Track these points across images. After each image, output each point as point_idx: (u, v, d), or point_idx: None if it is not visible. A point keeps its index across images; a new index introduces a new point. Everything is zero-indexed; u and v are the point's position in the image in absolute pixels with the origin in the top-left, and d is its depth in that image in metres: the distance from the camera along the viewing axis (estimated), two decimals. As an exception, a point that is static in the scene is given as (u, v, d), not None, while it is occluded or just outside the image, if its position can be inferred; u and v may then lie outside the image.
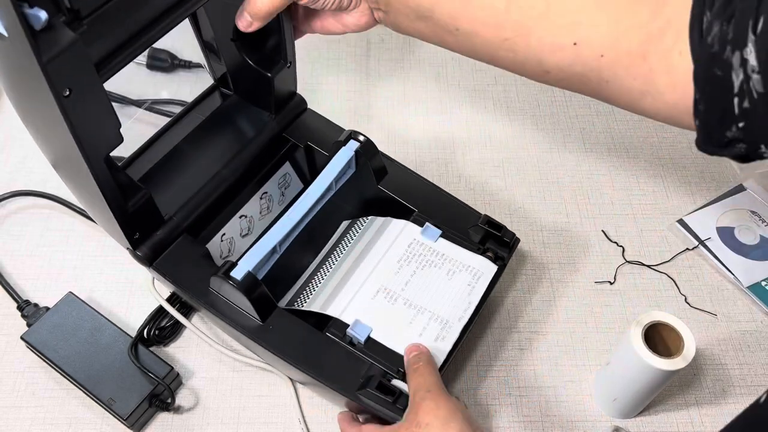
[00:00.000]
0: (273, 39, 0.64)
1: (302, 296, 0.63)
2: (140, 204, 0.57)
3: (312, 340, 0.58)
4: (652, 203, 0.78)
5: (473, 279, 0.62)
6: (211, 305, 0.59)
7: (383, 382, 0.55)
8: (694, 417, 0.65)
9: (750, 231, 0.75)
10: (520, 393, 0.66)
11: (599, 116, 0.86)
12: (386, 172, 0.68)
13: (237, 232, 0.67)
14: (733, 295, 0.72)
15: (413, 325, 0.59)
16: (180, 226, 0.62)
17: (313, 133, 0.70)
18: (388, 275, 0.62)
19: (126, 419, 0.61)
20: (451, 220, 0.66)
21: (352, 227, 0.67)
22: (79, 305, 0.67)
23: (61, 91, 0.44)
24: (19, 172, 0.80)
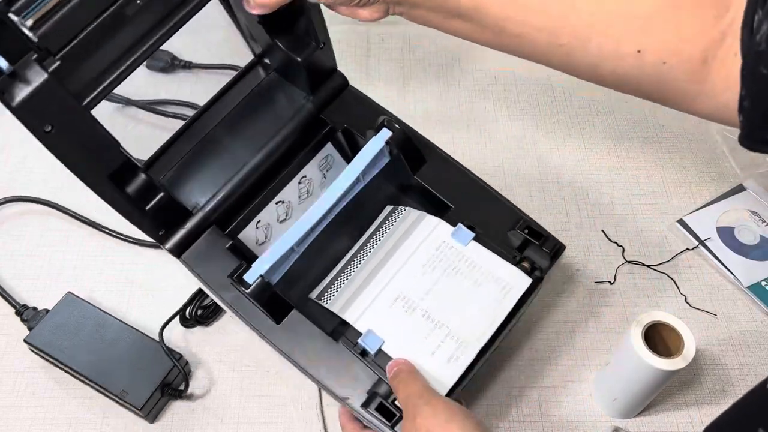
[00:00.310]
0: (301, 22, 0.61)
1: (330, 290, 0.61)
2: (159, 206, 0.56)
3: (324, 347, 0.56)
4: (652, 203, 0.78)
5: (502, 292, 0.57)
6: (230, 303, 0.58)
7: (384, 404, 0.53)
8: (694, 417, 0.65)
9: (750, 231, 0.75)
10: (520, 393, 0.66)
11: (599, 116, 0.86)
12: (424, 161, 0.63)
13: (274, 218, 0.65)
14: (733, 295, 0.72)
15: (428, 340, 0.56)
16: (208, 219, 0.60)
17: (351, 115, 0.65)
18: (410, 281, 0.58)
19: (141, 409, 0.62)
20: (489, 220, 0.60)
21: (391, 215, 0.63)
22: (79, 304, 0.67)
23: (41, 129, 0.44)
24: (19, 172, 0.80)
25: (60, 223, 0.76)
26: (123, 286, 0.72)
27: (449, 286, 0.58)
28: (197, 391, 0.66)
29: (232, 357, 0.68)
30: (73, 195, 0.77)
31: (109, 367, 0.64)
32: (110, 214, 0.55)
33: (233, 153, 0.63)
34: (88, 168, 0.49)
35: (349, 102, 0.67)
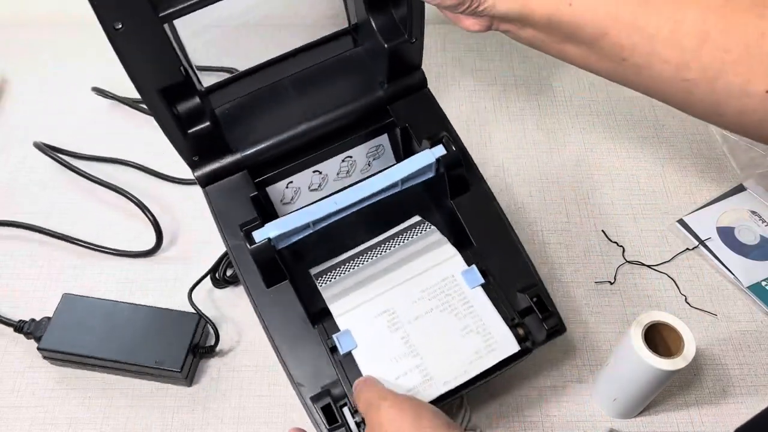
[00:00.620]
0: (401, 9, 0.59)
1: (330, 274, 0.60)
2: (201, 134, 0.56)
3: (300, 327, 0.56)
4: (652, 203, 0.78)
5: (486, 349, 0.55)
6: (233, 249, 0.58)
7: (331, 406, 0.53)
8: (694, 417, 0.65)
9: (750, 231, 0.75)
10: (521, 393, 0.66)
11: (599, 116, 0.86)
12: (467, 189, 0.61)
13: (306, 184, 0.64)
14: (733, 295, 0.72)
15: (397, 364, 0.55)
16: (243, 163, 0.60)
17: (416, 117, 0.64)
18: (405, 301, 0.57)
19: (181, 371, 0.63)
20: (504, 272, 0.58)
21: (416, 227, 0.62)
22: (79, 300, 0.67)
23: (111, 24, 0.46)
24: (19, 172, 0.80)
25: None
26: (123, 285, 0.72)
27: (439, 320, 0.56)
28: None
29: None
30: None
31: (134, 345, 0.65)
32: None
33: (292, 109, 0.62)
34: (144, 77, 0.50)
35: (419, 102, 0.65)
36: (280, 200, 0.63)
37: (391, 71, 0.63)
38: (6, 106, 0.86)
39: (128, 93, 0.86)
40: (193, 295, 0.68)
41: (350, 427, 0.52)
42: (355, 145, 0.64)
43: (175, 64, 0.51)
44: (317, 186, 0.65)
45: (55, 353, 0.65)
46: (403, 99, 0.65)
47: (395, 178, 0.58)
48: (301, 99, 0.63)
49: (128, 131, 0.84)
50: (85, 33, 0.93)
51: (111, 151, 0.81)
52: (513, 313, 0.57)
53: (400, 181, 0.59)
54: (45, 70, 0.90)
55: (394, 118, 0.64)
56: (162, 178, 0.79)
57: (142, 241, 0.74)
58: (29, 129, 0.84)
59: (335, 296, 0.58)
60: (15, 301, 0.71)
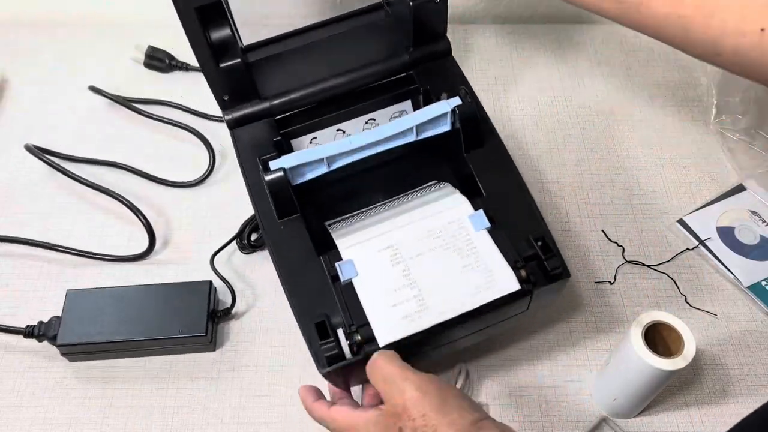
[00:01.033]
0: None
1: (342, 223, 0.62)
2: (232, 68, 0.58)
3: (305, 256, 0.58)
4: (652, 203, 0.78)
5: (485, 285, 0.55)
6: (252, 184, 0.61)
7: (324, 323, 0.53)
8: (694, 417, 0.65)
9: (750, 231, 0.75)
10: (521, 393, 0.66)
11: (599, 116, 0.86)
12: (481, 144, 0.62)
13: (329, 141, 0.66)
14: (733, 295, 0.72)
15: (395, 293, 0.55)
16: (270, 111, 0.62)
17: (439, 81, 0.65)
18: (409, 238, 0.58)
19: (206, 334, 0.65)
20: (512, 221, 0.59)
21: (431, 187, 0.63)
22: (84, 293, 0.67)
23: None
24: (19, 173, 0.80)
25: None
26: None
27: (441, 258, 0.57)
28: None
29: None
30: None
31: (153, 322, 0.65)
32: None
33: (321, 66, 0.65)
34: None
35: (443, 69, 0.66)
36: None
37: (416, 35, 0.64)
38: (6, 107, 0.86)
39: (124, 93, 0.86)
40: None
41: (342, 346, 0.53)
42: (379, 108, 0.66)
43: None
44: None
45: (75, 347, 0.65)
46: (428, 65, 0.66)
47: (411, 124, 0.59)
48: (330, 58, 0.65)
49: (125, 132, 0.84)
50: (85, 33, 0.93)
51: (108, 152, 0.81)
52: (517, 257, 0.57)
53: (416, 128, 0.59)
54: (45, 70, 0.90)
55: (418, 84, 0.66)
56: (155, 180, 0.79)
57: (137, 243, 0.75)
58: (29, 129, 0.84)
59: (343, 234, 0.60)
60: (12, 309, 0.71)
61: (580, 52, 0.92)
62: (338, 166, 0.59)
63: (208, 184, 0.80)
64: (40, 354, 0.68)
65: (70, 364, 0.67)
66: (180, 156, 0.82)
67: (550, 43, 0.93)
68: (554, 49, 0.92)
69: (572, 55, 0.92)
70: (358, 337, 0.53)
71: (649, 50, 0.92)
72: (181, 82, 0.88)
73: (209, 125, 0.84)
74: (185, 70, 0.89)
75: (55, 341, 0.65)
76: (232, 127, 0.62)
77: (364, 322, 0.54)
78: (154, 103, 0.86)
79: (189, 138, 0.83)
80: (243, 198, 0.76)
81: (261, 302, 0.71)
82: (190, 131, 0.83)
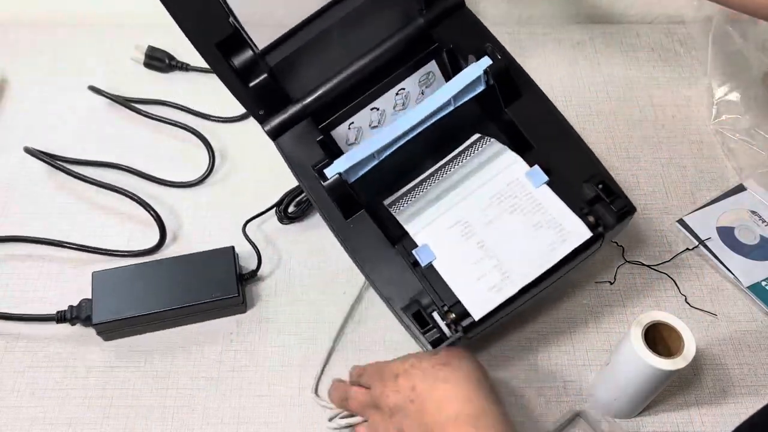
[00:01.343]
0: None
1: (401, 201, 0.63)
2: (262, 85, 0.59)
3: (381, 249, 0.59)
4: (652, 203, 0.78)
5: (559, 239, 0.57)
6: (310, 190, 0.62)
7: (420, 312, 0.56)
8: (694, 417, 0.65)
9: (750, 231, 0.75)
10: (521, 393, 0.66)
11: (599, 116, 0.86)
12: (519, 95, 0.62)
13: (366, 122, 0.67)
14: (733, 295, 0.72)
15: (476, 267, 0.57)
16: (306, 110, 0.63)
17: (459, 37, 0.65)
18: (475, 209, 0.60)
19: (239, 295, 0.67)
20: (567, 167, 0.60)
21: (476, 143, 0.64)
22: (110, 273, 0.68)
23: None
24: (20, 173, 0.80)
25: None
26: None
27: (510, 222, 0.58)
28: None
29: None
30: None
31: (185, 290, 0.67)
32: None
33: (341, 53, 0.65)
34: (198, 31, 0.54)
35: (460, 23, 0.66)
36: (345, 142, 0.67)
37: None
38: (6, 107, 0.86)
39: (124, 93, 0.86)
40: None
41: (442, 328, 0.56)
42: (406, 77, 0.66)
43: (223, 16, 0.54)
44: (377, 122, 0.67)
45: (111, 324, 0.66)
46: (444, 22, 0.65)
47: (447, 96, 0.60)
48: (348, 42, 0.65)
49: (125, 132, 0.84)
50: (85, 33, 0.93)
51: (107, 152, 0.81)
52: (581, 203, 0.58)
53: (452, 98, 0.60)
54: (45, 70, 0.90)
55: (438, 43, 0.65)
56: (154, 181, 0.79)
57: (137, 243, 0.75)
58: (28, 129, 0.84)
59: (409, 217, 0.61)
60: (13, 309, 0.71)
61: (580, 52, 0.92)
62: (387, 155, 0.61)
63: (208, 184, 0.80)
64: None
65: (71, 363, 0.68)
66: (180, 156, 0.82)
67: (550, 43, 0.93)
68: (554, 49, 0.92)
69: (572, 55, 0.92)
70: (453, 315, 0.56)
71: (649, 50, 0.92)
72: (180, 82, 0.88)
73: (209, 125, 0.84)
74: (185, 70, 0.89)
75: (90, 322, 0.66)
76: (273, 138, 0.63)
77: (455, 301, 0.56)
78: (154, 103, 0.86)
79: (189, 138, 0.83)
80: (243, 198, 0.77)
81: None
82: (190, 131, 0.83)
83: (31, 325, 0.69)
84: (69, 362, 0.67)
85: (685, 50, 0.92)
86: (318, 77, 0.63)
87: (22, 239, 0.74)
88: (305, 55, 0.65)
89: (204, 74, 0.88)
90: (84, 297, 0.68)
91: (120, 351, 0.68)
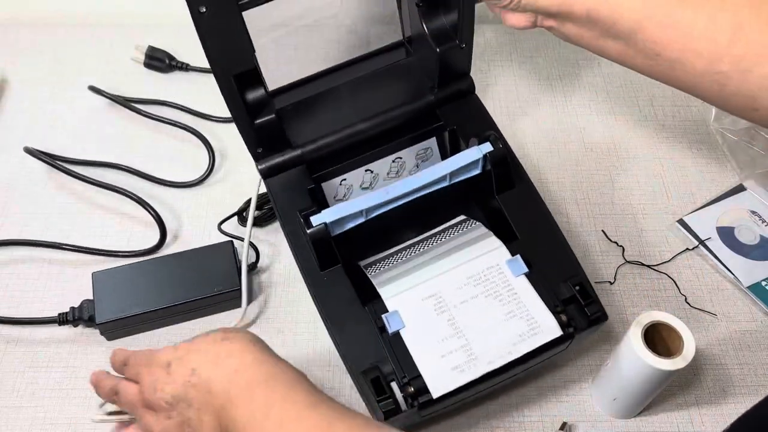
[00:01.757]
0: (452, 16, 0.63)
1: (379, 264, 0.63)
2: (266, 124, 0.61)
3: (351, 307, 0.59)
4: (652, 203, 0.78)
5: (529, 332, 0.57)
6: (291, 234, 0.62)
7: (379, 379, 0.55)
8: (694, 417, 0.65)
9: (750, 231, 0.75)
10: (520, 393, 0.66)
11: (599, 116, 0.86)
12: (513, 186, 0.63)
13: (358, 182, 0.68)
14: (733, 295, 0.72)
15: (443, 344, 0.57)
16: (302, 158, 0.64)
17: (464, 121, 0.67)
18: (451, 286, 0.59)
19: (241, 288, 0.68)
20: (547, 263, 0.60)
21: (461, 224, 0.65)
22: (110, 272, 0.68)
23: (197, 7, 0.52)
24: (20, 173, 0.80)
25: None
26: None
27: (484, 306, 0.58)
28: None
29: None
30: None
31: (187, 286, 0.67)
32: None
33: (348, 110, 0.67)
34: (222, 61, 0.56)
35: (467, 107, 0.68)
36: (333, 196, 0.68)
37: (442, 76, 0.66)
38: (6, 107, 0.86)
39: (124, 93, 0.86)
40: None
41: (398, 400, 0.54)
42: (405, 147, 0.68)
43: (249, 51, 0.56)
44: (368, 185, 0.69)
45: (114, 323, 0.66)
46: (452, 103, 0.68)
47: (444, 172, 0.61)
48: (356, 101, 0.68)
49: (125, 132, 0.84)
50: (85, 33, 0.93)
51: (107, 152, 0.81)
52: (556, 301, 0.58)
53: (449, 175, 0.61)
54: (45, 70, 0.90)
55: (442, 122, 0.67)
56: (154, 181, 0.79)
57: (136, 243, 0.75)
58: (28, 129, 0.84)
59: (384, 282, 0.61)
60: (13, 309, 0.71)
61: (580, 53, 0.92)
62: (375, 215, 0.61)
63: (208, 184, 0.80)
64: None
65: (69, 361, 0.67)
66: (180, 156, 0.82)
67: (551, 43, 0.93)
68: (554, 49, 0.92)
69: (572, 55, 0.92)
70: (411, 389, 0.55)
71: (649, 50, 0.92)
72: (180, 82, 0.88)
73: (209, 125, 0.84)
74: (185, 70, 0.89)
75: (93, 322, 0.66)
76: (265, 177, 0.65)
77: (416, 374, 0.55)
78: (154, 103, 0.86)
79: (189, 138, 0.83)
80: (243, 198, 0.76)
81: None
82: (190, 131, 0.83)
83: (33, 327, 0.69)
84: (69, 362, 0.67)
85: (685, 50, 0.92)
86: (321, 129, 0.65)
87: (22, 242, 0.74)
88: (313, 105, 0.68)
89: (204, 74, 0.88)
90: (85, 298, 0.68)
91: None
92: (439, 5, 0.63)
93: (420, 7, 0.64)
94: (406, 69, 0.70)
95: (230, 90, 0.58)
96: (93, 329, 0.68)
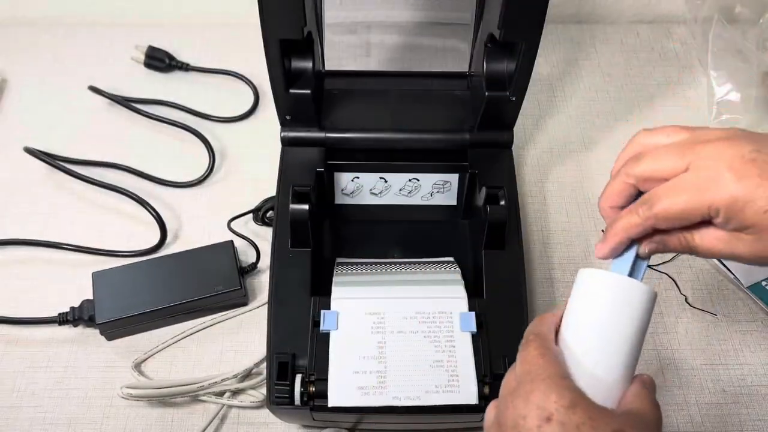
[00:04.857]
0: (513, 64, 0.62)
1: (350, 266, 0.64)
2: (299, 96, 0.62)
3: (298, 290, 0.60)
4: (652, 203, 0.78)
5: (446, 387, 0.55)
6: (281, 206, 0.64)
7: (287, 365, 0.55)
8: (694, 417, 0.65)
9: (750, 231, 0.75)
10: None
11: (599, 116, 0.86)
12: (502, 246, 0.63)
13: (369, 185, 0.69)
14: (733, 295, 0.72)
15: (362, 361, 0.56)
16: (324, 141, 0.66)
17: (489, 169, 0.67)
18: (398, 313, 0.59)
19: (241, 288, 0.68)
20: (498, 334, 0.58)
21: (443, 264, 0.65)
22: (110, 272, 0.68)
23: None
24: (19, 173, 0.80)
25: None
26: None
27: (418, 344, 0.57)
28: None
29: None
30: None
31: (187, 285, 0.67)
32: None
33: (386, 116, 0.68)
34: (272, 23, 0.56)
35: (498, 158, 0.68)
36: (341, 189, 0.69)
37: (484, 120, 0.66)
38: (5, 107, 0.86)
39: (124, 93, 0.86)
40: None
41: (294, 392, 0.55)
42: (427, 172, 0.69)
43: (300, 22, 0.56)
44: (378, 192, 0.70)
45: (115, 323, 0.66)
46: (485, 150, 0.68)
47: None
48: (398, 111, 0.69)
49: (125, 132, 0.84)
50: (85, 33, 0.93)
51: (107, 152, 0.81)
52: (489, 373, 0.56)
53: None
54: (44, 70, 0.90)
55: (468, 163, 0.68)
56: (154, 181, 0.79)
57: (136, 243, 0.74)
58: (28, 129, 0.84)
59: (342, 283, 0.61)
60: (13, 309, 0.71)
61: (580, 52, 0.92)
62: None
63: (208, 184, 0.80)
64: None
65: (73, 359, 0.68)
66: (180, 156, 0.82)
67: (551, 43, 0.93)
68: (554, 49, 0.92)
69: (572, 54, 0.92)
70: (312, 389, 0.55)
71: (650, 50, 0.92)
72: (180, 82, 0.88)
73: (209, 125, 0.84)
74: (185, 70, 0.89)
75: (93, 322, 0.66)
76: (285, 145, 0.66)
77: (324, 377, 0.55)
78: (154, 103, 0.86)
79: (189, 138, 0.83)
80: (243, 198, 0.76)
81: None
82: (190, 131, 0.83)
83: (33, 327, 0.69)
84: (69, 362, 0.67)
85: (685, 50, 0.92)
86: (355, 122, 0.67)
87: (22, 242, 0.74)
88: (359, 98, 0.69)
89: (204, 74, 0.89)
90: (85, 298, 0.68)
91: (119, 350, 0.68)
92: (506, 52, 0.63)
93: (487, 48, 0.63)
94: (458, 101, 0.71)
95: (274, 53, 0.59)
96: (93, 329, 0.68)
